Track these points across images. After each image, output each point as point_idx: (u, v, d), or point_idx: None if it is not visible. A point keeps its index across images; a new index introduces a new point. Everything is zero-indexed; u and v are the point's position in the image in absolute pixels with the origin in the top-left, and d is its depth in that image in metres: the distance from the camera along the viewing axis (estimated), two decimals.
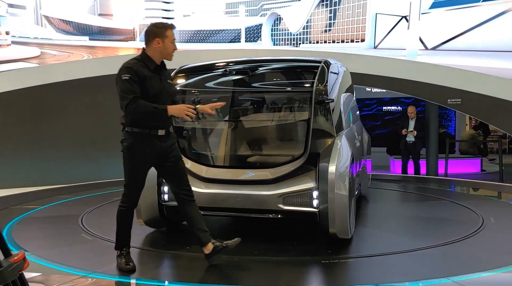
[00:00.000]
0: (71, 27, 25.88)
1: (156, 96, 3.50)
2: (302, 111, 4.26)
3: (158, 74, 3.57)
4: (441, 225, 5.22)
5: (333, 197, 3.96)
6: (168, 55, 3.57)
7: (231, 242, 3.67)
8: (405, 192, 7.57)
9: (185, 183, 3.68)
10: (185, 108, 3.48)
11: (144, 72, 3.49)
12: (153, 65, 3.55)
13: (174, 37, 3.56)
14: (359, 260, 3.94)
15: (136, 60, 3.56)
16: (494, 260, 3.94)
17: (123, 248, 3.68)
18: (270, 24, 20.59)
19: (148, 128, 3.50)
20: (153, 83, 3.50)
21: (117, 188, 7.54)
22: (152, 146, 3.52)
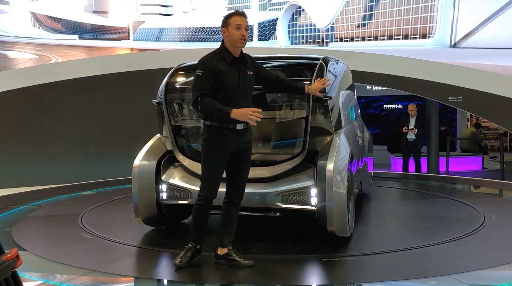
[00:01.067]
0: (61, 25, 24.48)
1: (234, 90, 3.47)
2: (300, 108, 4.24)
3: (236, 67, 3.51)
4: (442, 222, 5.21)
5: (331, 195, 3.95)
6: (235, 41, 3.46)
7: (244, 261, 3.64)
8: (406, 190, 7.55)
9: (242, 186, 3.68)
10: (248, 112, 3.40)
11: (220, 66, 3.45)
12: (230, 58, 3.50)
13: (241, 22, 3.44)
14: (359, 258, 3.93)
15: (214, 54, 3.54)
16: (495, 257, 3.93)
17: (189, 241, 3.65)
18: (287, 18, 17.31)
19: (226, 122, 3.46)
20: (230, 77, 3.46)
21: (117, 186, 7.56)
22: (230, 140, 3.50)
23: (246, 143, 3.61)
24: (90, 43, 23.31)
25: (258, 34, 18.30)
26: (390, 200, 6.90)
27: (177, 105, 4.56)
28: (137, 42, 26.10)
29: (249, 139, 3.65)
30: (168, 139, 4.57)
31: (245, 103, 3.53)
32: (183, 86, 4.68)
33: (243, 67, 3.56)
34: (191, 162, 4.46)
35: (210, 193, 3.58)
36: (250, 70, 3.60)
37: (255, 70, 3.67)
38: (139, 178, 4.45)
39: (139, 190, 4.45)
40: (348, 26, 14.97)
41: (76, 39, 23.42)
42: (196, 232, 3.65)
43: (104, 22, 25.64)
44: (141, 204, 4.45)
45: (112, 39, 25.50)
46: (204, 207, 3.61)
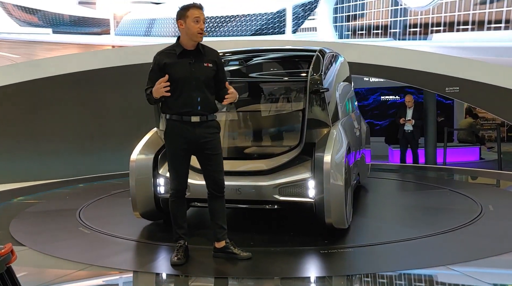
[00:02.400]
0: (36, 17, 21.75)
1: (183, 81, 3.42)
2: (297, 101, 4.23)
3: (188, 58, 3.45)
4: (440, 213, 5.21)
5: (328, 187, 3.94)
6: (193, 35, 3.42)
7: (242, 254, 3.64)
8: (403, 181, 7.56)
9: (215, 179, 3.61)
10: (158, 86, 3.33)
11: (167, 59, 3.44)
12: (180, 50, 3.47)
13: (199, 15, 3.40)
14: (357, 249, 3.93)
15: (168, 47, 3.54)
16: (493, 247, 3.94)
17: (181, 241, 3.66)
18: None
19: (179, 115, 3.46)
20: (177, 69, 3.42)
21: (114, 181, 7.56)
22: (186, 133, 3.48)
23: (205, 136, 3.52)
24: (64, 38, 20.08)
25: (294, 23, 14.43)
26: (388, 191, 6.91)
27: None
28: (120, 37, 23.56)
29: (210, 132, 3.54)
30: None
31: (199, 95, 3.45)
32: None
33: (198, 59, 3.47)
34: None
35: (178, 185, 3.58)
36: (208, 62, 3.50)
37: (217, 65, 3.55)
38: (136, 172, 4.44)
39: (137, 184, 4.44)
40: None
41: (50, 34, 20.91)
42: (179, 228, 3.66)
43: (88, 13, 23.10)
44: (139, 198, 4.45)
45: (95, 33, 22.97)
46: (178, 201, 3.62)
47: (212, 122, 3.56)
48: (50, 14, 23.21)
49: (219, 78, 3.57)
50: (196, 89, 3.44)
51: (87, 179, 7.93)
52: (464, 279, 3.33)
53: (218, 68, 3.55)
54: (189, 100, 3.43)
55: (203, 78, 3.48)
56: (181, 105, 3.45)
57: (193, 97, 3.44)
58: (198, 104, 3.46)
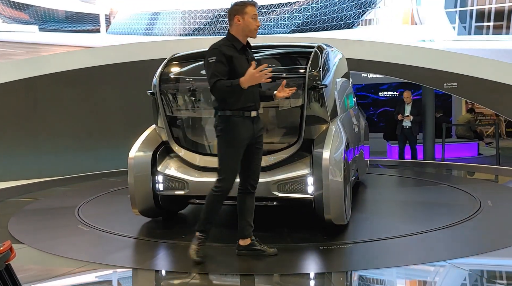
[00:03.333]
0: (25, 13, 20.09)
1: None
2: (295, 97, 4.22)
3: (245, 55, 3.50)
4: (439, 209, 5.22)
5: (327, 183, 3.94)
6: (250, 32, 3.46)
7: (269, 250, 3.62)
8: (402, 177, 7.57)
9: (257, 175, 3.64)
10: (254, 72, 3.26)
11: (231, 53, 3.42)
12: (240, 45, 3.48)
13: (256, 13, 3.45)
14: (357, 245, 3.93)
15: (223, 41, 3.50)
16: (492, 242, 3.95)
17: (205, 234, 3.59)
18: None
19: (241, 110, 3.44)
20: (242, 63, 3.43)
21: (113, 178, 7.55)
22: (246, 129, 3.46)
23: (259, 130, 3.58)
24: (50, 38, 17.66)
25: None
26: (386, 187, 6.91)
27: (171, 96, 4.54)
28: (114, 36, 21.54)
29: (261, 127, 3.63)
30: (163, 130, 4.55)
31: (256, 90, 3.51)
32: (177, 76, 4.65)
33: (250, 55, 3.57)
34: (186, 152, 4.44)
35: (229, 186, 3.51)
36: (253, 59, 3.58)
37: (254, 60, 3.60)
38: (135, 169, 4.44)
39: (135, 181, 4.44)
40: None
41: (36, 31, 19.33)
42: (208, 223, 3.58)
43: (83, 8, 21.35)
44: (138, 195, 4.44)
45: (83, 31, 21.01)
46: (221, 199, 3.55)
47: (261, 119, 3.61)
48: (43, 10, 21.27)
49: None
50: (255, 85, 3.43)
51: (86, 177, 7.93)
52: (463, 274, 3.34)
53: None
54: (251, 95, 3.45)
55: None
56: (245, 100, 3.44)
57: (254, 93, 3.48)
58: (256, 99, 3.52)
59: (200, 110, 4.57)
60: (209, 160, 4.38)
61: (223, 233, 4.44)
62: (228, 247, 3.91)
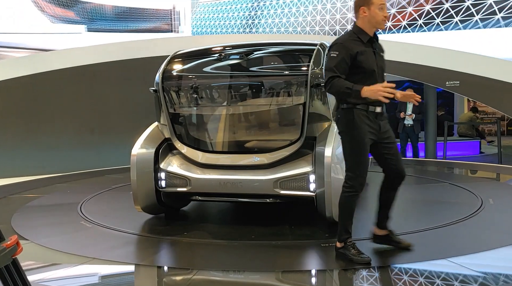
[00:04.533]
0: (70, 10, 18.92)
1: (372, 71, 3.29)
2: (298, 95, 4.23)
3: (372, 47, 3.33)
4: (440, 207, 5.23)
5: (329, 181, 3.95)
6: (377, 23, 3.28)
7: (404, 242, 3.60)
8: None
9: (399, 167, 3.48)
10: (380, 88, 3.11)
11: (357, 47, 3.27)
12: (367, 38, 3.30)
13: (384, 2, 3.27)
14: (358, 242, 3.91)
15: (348, 34, 3.35)
16: (493, 240, 3.96)
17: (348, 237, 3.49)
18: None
19: (367, 105, 3.28)
20: (368, 58, 3.28)
21: (116, 175, 7.57)
22: (371, 124, 3.32)
23: (385, 125, 3.41)
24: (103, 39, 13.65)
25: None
26: None
27: (174, 93, 4.55)
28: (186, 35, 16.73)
29: (387, 122, 3.44)
30: (166, 127, 4.57)
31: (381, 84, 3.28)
32: (180, 73, 4.67)
33: (378, 48, 3.38)
34: (189, 149, 4.46)
35: (362, 182, 3.39)
36: (382, 51, 3.42)
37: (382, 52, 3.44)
38: (137, 166, 4.46)
39: (138, 178, 4.45)
40: None
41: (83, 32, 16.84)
42: (346, 231, 3.47)
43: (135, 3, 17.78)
44: (140, 192, 4.46)
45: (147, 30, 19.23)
46: (355, 199, 3.43)
47: (385, 113, 3.47)
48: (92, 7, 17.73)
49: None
50: (380, 79, 3.32)
51: (89, 173, 7.96)
52: (465, 271, 3.35)
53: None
54: (356, 95, 3.21)
55: (383, 68, 3.40)
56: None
57: None
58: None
59: (202, 107, 4.59)
60: (211, 157, 4.40)
61: (223, 230, 4.46)
62: (229, 244, 3.94)
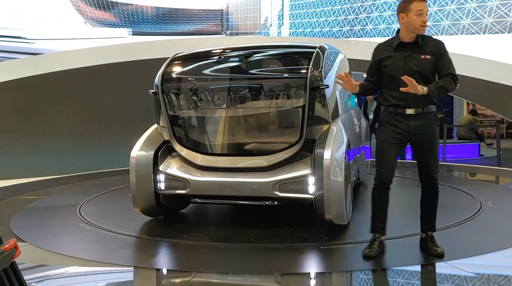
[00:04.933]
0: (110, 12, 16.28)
1: (391, 76, 3.44)
2: (297, 97, 4.24)
3: (404, 51, 3.42)
4: (440, 209, 5.16)
5: (328, 183, 3.95)
6: (415, 28, 3.38)
7: (438, 251, 3.59)
8: (403, 178, 7.57)
9: (428, 173, 3.60)
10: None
11: (383, 53, 3.49)
12: (397, 42, 3.45)
13: (422, 8, 3.34)
14: (357, 245, 3.94)
15: (388, 39, 3.54)
16: (492, 243, 3.96)
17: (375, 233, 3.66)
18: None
19: (395, 107, 3.48)
20: (393, 62, 3.44)
21: (115, 177, 7.57)
22: (399, 124, 3.48)
23: (419, 128, 3.47)
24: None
25: None
26: None
27: (173, 95, 4.56)
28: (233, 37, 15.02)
29: (427, 124, 3.48)
30: (165, 129, 4.57)
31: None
32: (180, 75, 4.67)
33: (413, 52, 3.41)
34: (188, 152, 4.46)
35: (382, 178, 3.57)
36: (426, 54, 3.41)
37: (437, 56, 3.43)
38: (136, 168, 4.46)
39: (137, 180, 4.45)
40: None
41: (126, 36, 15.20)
42: (375, 221, 3.64)
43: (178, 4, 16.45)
44: (139, 194, 4.46)
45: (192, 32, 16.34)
46: (377, 192, 3.62)
47: (429, 115, 3.49)
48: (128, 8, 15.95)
49: (439, 68, 3.43)
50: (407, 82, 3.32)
51: (88, 175, 7.95)
52: (464, 274, 3.35)
53: (438, 59, 3.42)
54: (402, 93, 3.37)
55: (419, 71, 3.40)
56: (395, 97, 3.47)
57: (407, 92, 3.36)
58: (413, 96, 3.38)
59: (202, 109, 4.59)
60: (210, 160, 4.40)
61: (222, 233, 4.46)
62: (229, 246, 3.93)
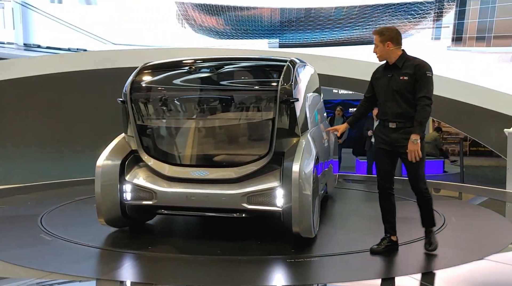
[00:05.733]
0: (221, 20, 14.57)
1: (383, 93, 3.96)
2: (267, 110, 4.25)
3: (388, 72, 3.93)
4: (404, 224, 5.27)
5: (296, 196, 3.96)
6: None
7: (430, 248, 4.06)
8: (369, 192, 7.66)
9: (412, 181, 3.98)
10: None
11: (377, 73, 4.05)
12: (383, 65, 4.00)
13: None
14: (323, 258, 3.96)
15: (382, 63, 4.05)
16: (454, 257, 4.04)
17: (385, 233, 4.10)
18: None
19: (383, 121, 3.98)
20: (380, 82, 3.98)
21: (80, 187, 7.39)
22: (385, 137, 3.96)
23: (399, 140, 3.88)
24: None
25: None
26: (354, 202, 6.99)
27: (142, 104, 4.50)
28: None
29: (405, 138, 3.83)
30: (132, 138, 4.50)
31: (393, 104, 3.87)
32: (149, 85, 4.62)
33: (395, 73, 3.89)
34: (156, 162, 4.40)
35: (380, 184, 4.03)
36: (404, 75, 3.84)
37: (414, 76, 3.83)
38: (102, 178, 4.36)
39: (102, 190, 4.36)
40: None
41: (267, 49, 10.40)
42: (384, 222, 4.11)
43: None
44: (104, 204, 4.36)
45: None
46: (382, 196, 4.05)
47: (409, 129, 3.84)
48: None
49: (416, 89, 3.83)
50: (391, 100, 3.88)
51: (52, 185, 7.73)
52: None
53: (416, 80, 3.83)
54: (386, 109, 3.92)
55: (398, 90, 3.86)
56: (382, 113, 3.98)
57: (388, 107, 3.91)
58: (393, 112, 3.87)
59: (171, 120, 4.54)
60: (178, 170, 4.35)
61: (189, 245, 4.40)
62: (195, 259, 3.88)
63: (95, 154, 4.63)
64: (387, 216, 4.08)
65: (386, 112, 3.93)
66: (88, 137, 8.37)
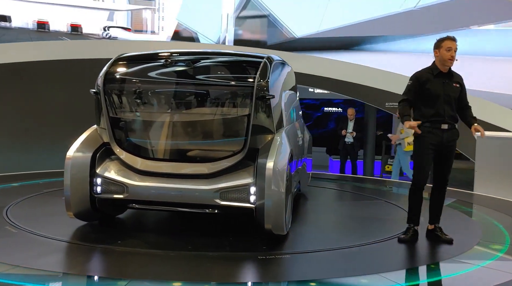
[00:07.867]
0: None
1: (437, 98, 4.25)
2: (242, 106, 4.23)
3: (441, 79, 4.28)
4: (375, 223, 5.36)
5: (269, 193, 3.96)
6: (445, 61, 4.25)
7: (445, 237, 4.44)
8: (342, 191, 7.73)
9: (438, 176, 4.47)
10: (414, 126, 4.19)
11: (427, 77, 4.30)
12: (436, 71, 4.30)
13: (451, 45, 4.22)
14: (295, 256, 3.97)
15: (425, 69, 4.38)
16: (424, 256, 4.12)
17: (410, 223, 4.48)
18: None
19: (431, 122, 4.27)
20: (434, 86, 4.27)
21: (49, 179, 7.22)
22: (435, 137, 4.27)
23: (450, 140, 4.31)
24: None
25: None
26: (326, 200, 7.03)
27: (116, 96, 4.42)
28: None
29: (454, 138, 4.34)
30: (105, 131, 4.42)
31: (448, 107, 4.27)
32: (123, 76, 4.53)
33: (448, 80, 4.32)
34: (128, 155, 4.33)
35: (420, 177, 4.38)
36: (456, 83, 4.35)
37: (461, 86, 4.39)
38: (72, 170, 4.27)
39: (72, 183, 4.26)
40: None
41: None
42: (410, 214, 4.48)
43: None
44: (73, 197, 4.27)
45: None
46: (413, 192, 4.46)
47: (455, 131, 4.36)
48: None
49: (461, 97, 4.40)
50: (447, 103, 4.27)
51: (19, 176, 7.54)
52: None
53: (462, 89, 4.40)
54: (441, 111, 4.25)
55: (452, 95, 4.31)
56: (433, 115, 4.26)
57: (444, 110, 4.26)
58: (448, 115, 4.27)
59: (144, 113, 4.47)
60: (150, 164, 4.29)
61: (160, 240, 4.36)
62: (165, 254, 3.84)
63: (65, 145, 4.53)
64: (417, 208, 4.45)
65: (441, 114, 4.25)
66: (59, 128, 8.18)
